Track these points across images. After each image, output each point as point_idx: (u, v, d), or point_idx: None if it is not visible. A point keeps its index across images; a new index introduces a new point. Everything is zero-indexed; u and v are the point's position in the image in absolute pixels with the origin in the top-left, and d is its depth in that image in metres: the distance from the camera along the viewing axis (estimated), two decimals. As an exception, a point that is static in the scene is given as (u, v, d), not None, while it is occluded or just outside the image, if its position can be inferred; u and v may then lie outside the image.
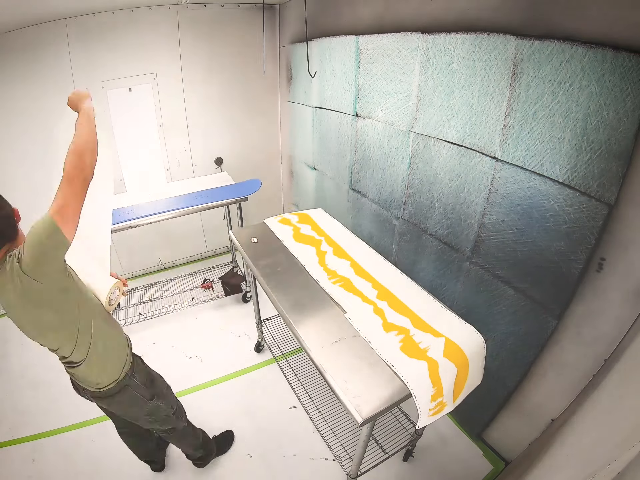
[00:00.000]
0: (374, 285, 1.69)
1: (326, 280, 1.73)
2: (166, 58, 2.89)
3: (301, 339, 1.43)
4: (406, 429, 1.95)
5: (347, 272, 1.79)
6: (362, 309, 1.56)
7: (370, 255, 1.93)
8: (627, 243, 1.21)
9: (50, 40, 2.48)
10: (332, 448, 1.84)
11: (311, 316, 1.55)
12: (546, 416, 1.60)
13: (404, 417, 2.01)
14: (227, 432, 2.03)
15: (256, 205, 3.11)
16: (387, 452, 1.81)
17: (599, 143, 1.18)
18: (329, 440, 1.88)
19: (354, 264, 1.84)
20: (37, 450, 1.99)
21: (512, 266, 1.57)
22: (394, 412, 2.03)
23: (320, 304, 1.61)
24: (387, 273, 1.78)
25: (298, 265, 1.85)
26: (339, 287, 1.69)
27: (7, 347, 2.72)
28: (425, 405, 1.23)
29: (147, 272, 3.56)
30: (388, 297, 1.62)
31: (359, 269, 1.80)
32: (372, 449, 1.82)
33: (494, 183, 1.56)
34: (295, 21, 2.87)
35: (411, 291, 1.66)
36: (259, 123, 3.46)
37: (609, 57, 1.10)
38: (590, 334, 1.38)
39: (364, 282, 1.71)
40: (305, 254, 1.92)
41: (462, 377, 1.34)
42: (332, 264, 1.84)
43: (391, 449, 1.82)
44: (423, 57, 1.74)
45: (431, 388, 1.24)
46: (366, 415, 1.14)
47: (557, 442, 1.28)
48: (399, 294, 1.63)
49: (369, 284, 1.70)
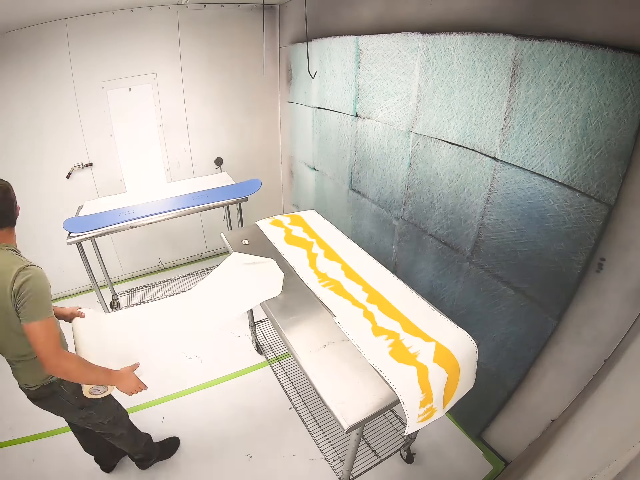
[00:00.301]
0: (364, 288, 1.67)
1: (316, 283, 1.71)
2: (166, 58, 2.89)
3: (289, 343, 1.41)
4: (399, 433, 1.94)
5: (337, 275, 1.77)
6: (352, 312, 1.54)
7: (362, 257, 1.91)
8: (627, 243, 1.21)
9: (50, 40, 2.48)
10: (324, 450, 1.84)
11: (300, 319, 1.52)
12: (546, 416, 1.60)
13: (397, 420, 2.00)
14: (172, 439, 2.00)
15: (256, 206, 3.11)
16: (380, 456, 1.80)
17: (599, 143, 1.18)
18: (321, 443, 1.88)
19: (345, 267, 1.82)
20: (37, 450, 1.99)
21: (512, 266, 1.57)
22: (387, 416, 2.02)
23: (309, 307, 1.59)
24: (378, 276, 1.76)
25: (288, 268, 1.83)
26: (328, 290, 1.67)
27: (7, 347, 2.71)
28: (414, 411, 1.21)
29: (147, 273, 3.56)
30: (378, 300, 1.60)
31: (350, 271, 1.79)
32: (365, 453, 1.82)
33: (494, 183, 1.56)
34: (295, 21, 2.87)
35: (402, 294, 1.64)
36: (259, 123, 3.46)
37: (609, 58, 1.10)
38: (590, 334, 1.38)
39: (354, 285, 1.70)
40: (296, 256, 1.91)
41: (453, 382, 1.32)
42: (322, 267, 1.83)
43: (384, 452, 1.81)
44: (423, 57, 1.74)
45: (420, 394, 1.22)
46: (353, 421, 1.12)
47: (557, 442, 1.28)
48: (389, 297, 1.60)
49: (360, 286, 1.68)
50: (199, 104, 3.14)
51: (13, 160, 2.67)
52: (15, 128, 2.60)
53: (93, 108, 2.77)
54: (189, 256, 3.73)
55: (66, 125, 2.73)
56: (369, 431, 1.96)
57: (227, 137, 3.37)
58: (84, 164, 2.89)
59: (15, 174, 2.70)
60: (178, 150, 3.22)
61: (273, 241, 2.05)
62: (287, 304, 1.61)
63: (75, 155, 2.85)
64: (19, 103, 2.54)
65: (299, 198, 3.51)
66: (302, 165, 3.24)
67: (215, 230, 3.62)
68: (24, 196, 2.81)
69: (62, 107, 2.68)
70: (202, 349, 2.64)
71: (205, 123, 3.24)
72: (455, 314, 1.93)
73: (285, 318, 1.53)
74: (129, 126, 2.97)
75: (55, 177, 2.84)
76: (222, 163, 3.42)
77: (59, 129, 2.72)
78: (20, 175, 2.71)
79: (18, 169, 2.69)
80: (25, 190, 2.77)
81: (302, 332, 1.46)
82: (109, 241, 3.11)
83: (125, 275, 3.47)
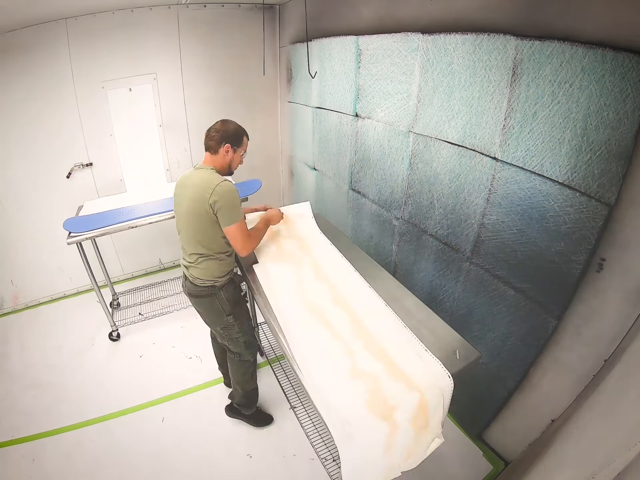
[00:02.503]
0: (350, 320, 1.47)
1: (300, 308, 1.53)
2: (166, 58, 2.89)
3: (286, 347, 1.38)
4: None
5: (324, 298, 1.58)
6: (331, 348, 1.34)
7: (353, 279, 1.70)
8: (627, 243, 1.21)
9: (50, 40, 2.48)
10: (319, 452, 1.85)
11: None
12: (546, 416, 1.60)
13: None
14: (268, 415, 2.15)
15: (256, 206, 3.11)
16: None
17: (599, 143, 1.18)
18: (317, 444, 1.88)
19: (332, 289, 1.64)
20: (37, 450, 1.99)
21: (512, 266, 1.57)
22: None
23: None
24: (368, 302, 1.56)
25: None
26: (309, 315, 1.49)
27: (7, 347, 2.72)
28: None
29: (147, 272, 3.56)
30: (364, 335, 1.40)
31: (338, 297, 1.59)
32: None
33: (494, 183, 1.56)
34: (296, 21, 2.87)
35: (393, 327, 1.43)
36: (259, 123, 3.46)
37: (609, 58, 1.10)
38: (590, 334, 1.38)
39: (340, 313, 1.51)
40: (282, 276, 1.72)
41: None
42: (309, 289, 1.64)
43: None
44: (423, 57, 1.74)
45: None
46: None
47: (557, 442, 1.28)
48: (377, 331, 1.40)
49: (345, 314, 1.49)
50: (199, 103, 3.14)
51: (13, 160, 2.67)
52: (16, 128, 2.60)
53: (93, 108, 2.77)
54: (189, 256, 3.73)
55: (66, 125, 2.73)
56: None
57: (227, 137, 3.37)
58: (84, 164, 2.89)
59: (15, 174, 2.72)
60: (178, 150, 3.22)
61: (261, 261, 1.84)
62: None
63: (75, 155, 2.85)
64: (19, 103, 2.54)
65: (299, 198, 3.51)
66: (302, 165, 3.24)
67: (215, 230, 3.63)
68: (24, 196, 2.84)
69: (62, 107, 2.68)
70: (202, 349, 2.64)
71: (205, 123, 3.21)
72: (455, 314, 1.93)
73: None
74: (129, 126, 2.97)
75: (55, 177, 2.83)
76: (222, 163, 3.42)
77: (59, 129, 2.72)
78: (20, 175, 2.72)
79: (18, 169, 2.70)
80: (25, 190, 2.78)
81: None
82: (109, 241, 3.11)
83: (126, 275, 3.46)
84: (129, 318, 2.86)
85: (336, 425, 1.10)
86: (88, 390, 2.34)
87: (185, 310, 2.93)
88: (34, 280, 3.10)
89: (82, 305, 3.15)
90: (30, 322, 2.99)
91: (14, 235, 2.84)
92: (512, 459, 1.84)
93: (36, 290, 3.14)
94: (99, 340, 2.73)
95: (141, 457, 1.95)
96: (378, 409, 1.13)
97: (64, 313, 3.07)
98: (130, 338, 2.75)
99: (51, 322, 2.97)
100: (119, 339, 2.74)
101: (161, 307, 2.96)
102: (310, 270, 1.76)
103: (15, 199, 2.76)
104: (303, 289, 1.64)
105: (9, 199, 2.74)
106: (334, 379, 1.22)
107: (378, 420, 1.11)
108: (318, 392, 1.19)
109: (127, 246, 3.29)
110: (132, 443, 2.02)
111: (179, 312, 2.92)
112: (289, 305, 1.54)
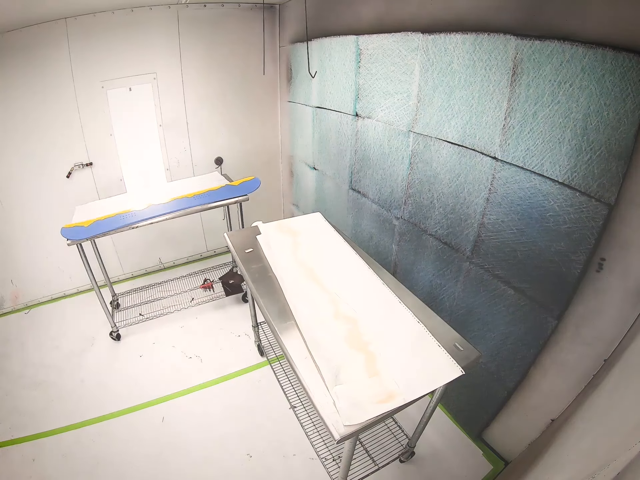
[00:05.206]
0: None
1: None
2: (166, 58, 2.89)
3: (284, 347, 1.39)
4: (399, 441, 1.93)
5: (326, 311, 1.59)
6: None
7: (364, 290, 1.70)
8: (627, 243, 1.21)
9: (50, 40, 2.48)
10: (319, 451, 1.84)
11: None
12: (546, 416, 1.60)
13: (397, 427, 1.99)
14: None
15: (256, 206, 3.10)
16: (378, 464, 1.78)
17: (599, 143, 1.18)
18: (317, 443, 1.88)
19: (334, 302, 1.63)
20: (37, 450, 1.99)
21: (512, 266, 1.57)
22: (386, 422, 2.00)
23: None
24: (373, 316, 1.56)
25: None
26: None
27: (7, 347, 2.72)
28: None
29: (147, 272, 3.56)
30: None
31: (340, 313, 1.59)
32: (363, 459, 1.81)
33: (494, 183, 1.56)
34: (296, 21, 2.86)
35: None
36: (259, 123, 3.45)
37: (609, 57, 1.10)
38: (590, 334, 1.38)
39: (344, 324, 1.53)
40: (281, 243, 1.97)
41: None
42: (304, 254, 1.90)
43: (382, 459, 1.81)
44: (423, 57, 1.74)
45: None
46: (344, 432, 1.09)
47: (557, 442, 1.28)
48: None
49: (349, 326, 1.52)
50: (199, 103, 3.13)
51: (13, 160, 2.67)
52: (15, 128, 2.59)
53: (93, 108, 2.77)
54: (189, 256, 3.72)
55: (66, 125, 2.73)
56: (366, 437, 1.95)
57: (227, 136, 3.37)
58: (84, 164, 2.89)
59: (15, 174, 2.72)
60: (178, 149, 3.22)
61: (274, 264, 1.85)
62: (285, 307, 1.59)
63: (75, 155, 2.85)
64: (19, 103, 2.54)
65: (299, 198, 3.51)
66: (302, 165, 3.24)
67: (215, 230, 3.63)
68: (24, 196, 2.84)
69: (62, 106, 2.67)
70: (202, 349, 2.65)
71: (205, 122, 3.24)
72: (455, 314, 1.93)
73: (282, 322, 1.52)
74: (129, 126, 2.97)
75: (55, 177, 2.83)
76: (222, 163, 3.42)
77: (58, 128, 2.72)
78: (20, 175, 2.72)
79: (18, 169, 2.69)
80: (25, 190, 2.78)
81: (299, 338, 1.44)
82: (109, 241, 3.11)
83: (126, 275, 3.47)
84: (129, 319, 2.85)
85: (324, 366, 1.28)
86: (88, 390, 2.34)
87: (185, 310, 2.93)
88: (34, 279, 3.10)
89: (82, 304, 3.15)
90: (30, 321, 2.99)
91: (14, 235, 2.84)
92: (512, 459, 1.84)
93: (36, 289, 3.14)
94: (99, 340, 2.73)
95: (141, 457, 1.95)
96: (354, 343, 1.38)
97: (64, 313, 3.07)
98: (130, 338, 2.76)
99: (51, 321, 2.98)
100: (119, 339, 2.74)
101: (161, 308, 2.95)
102: (309, 245, 2.00)
103: (15, 199, 2.76)
104: (298, 252, 1.91)
105: (9, 198, 2.74)
106: (320, 319, 1.49)
107: (353, 350, 1.35)
108: (309, 331, 1.41)
109: (127, 246, 3.29)
110: (132, 443, 2.02)
111: (179, 313, 2.92)
112: (285, 263, 1.82)
